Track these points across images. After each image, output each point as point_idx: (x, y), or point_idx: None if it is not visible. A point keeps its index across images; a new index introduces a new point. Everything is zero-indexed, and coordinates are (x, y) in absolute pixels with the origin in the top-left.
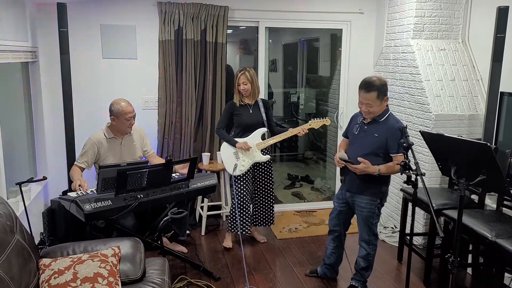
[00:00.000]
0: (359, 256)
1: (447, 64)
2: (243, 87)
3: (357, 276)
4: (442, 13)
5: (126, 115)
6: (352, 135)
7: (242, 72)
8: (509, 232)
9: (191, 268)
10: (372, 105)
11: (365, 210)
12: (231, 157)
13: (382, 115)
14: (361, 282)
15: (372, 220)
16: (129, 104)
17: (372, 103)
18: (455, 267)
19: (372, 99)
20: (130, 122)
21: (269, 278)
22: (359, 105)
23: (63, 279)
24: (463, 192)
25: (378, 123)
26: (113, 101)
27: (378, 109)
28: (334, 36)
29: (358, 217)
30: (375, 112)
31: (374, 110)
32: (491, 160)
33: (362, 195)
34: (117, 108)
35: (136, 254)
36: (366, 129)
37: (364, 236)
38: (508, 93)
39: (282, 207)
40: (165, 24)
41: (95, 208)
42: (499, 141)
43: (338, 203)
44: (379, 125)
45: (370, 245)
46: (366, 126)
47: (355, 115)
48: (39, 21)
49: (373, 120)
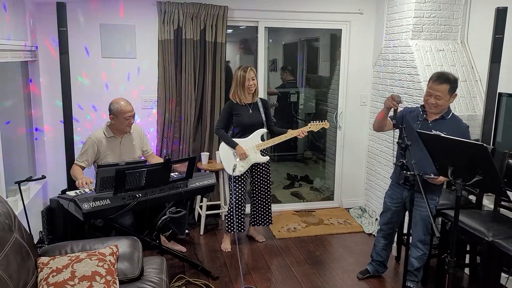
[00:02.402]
0: (414, 257)
1: (446, 64)
2: (251, 82)
3: (412, 276)
4: (441, 14)
5: (125, 114)
6: (410, 129)
7: (249, 68)
8: (506, 233)
9: (189, 267)
10: (442, 98)
11: (424, 209)
12: (230, 157)
13: (448, 112)
14: (415, 282)
15: (429, 219)
16: (128, 104)
17: (442, 96)
18: (451, 267)
19: (443, 92)
20: (129, 122)
21: (267, 278)
22: (426, 96)
23: (61, 278)
24: (459, 192)
25: (445, 120)
26: (113, 100)
27: (445, 104)
28: (334, 36)
29: (416, 216)
30: (441, 106)
31: (441, 103)
32: (487, 161)
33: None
34: (116, 107)
35: (134, 253)
36: (431, 126)
37: (420, 236)
38: (507, 94)
39: (281, 207)
40: (164, 23)
41: (94, 207)
42: (497, 142)
43: (392, 202)
44: (446, 123)
45: (425, 245)
46: (430, 124)
47: (408, 109)
48: (39, 20)
49: (440, 117)
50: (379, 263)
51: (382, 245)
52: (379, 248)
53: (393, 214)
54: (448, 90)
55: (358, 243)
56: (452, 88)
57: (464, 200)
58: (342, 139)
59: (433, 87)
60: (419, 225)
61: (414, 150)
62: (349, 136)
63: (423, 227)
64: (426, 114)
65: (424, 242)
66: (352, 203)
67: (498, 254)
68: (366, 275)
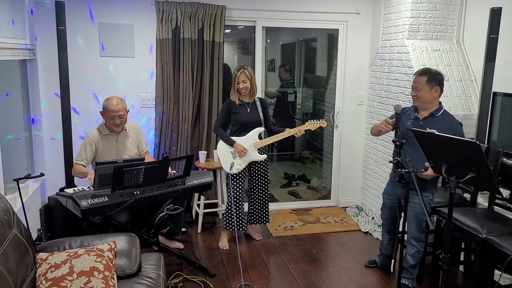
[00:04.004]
0: (408, 254)
1: (442, 64)
2: (242, 85)
3: (407, 274)
4: (437, 14)
5: (110, 113)
6: (404, 128)
7: (241, 70)
8: (500, 230)
9: (187, 264)
10: (420, 89)
11: (417, 205)
12: (228, 155)
13: (438, 110)
14: (410, 279)
15: (423, 216)
16: (118, 103)
17: (421, 87)
18: (445, 263)
19: (421, 83)
20: (114, 121)
21: (264, 275)
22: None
23: (59, 273)
24: (453, 189)
25: (435, 117)
26: (108, 96)
27: (426, 96)
28: (331, 37)
29: (409, 213)
30: (422, 98)
31: (421, 95)
32: (480, 158)
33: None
34: (105, 104)
35: (132, 249)
36: (422, 124)
37: (413, 233)
38: (501, 93)
39: (278, 206)
40: (162, 23)
41: (92, 204)
42: (492, 141)
43: (388, 199)
44: (437, 120)
45: (419, 242)
46: (421, 122)
47: (407, 108)
48: (38, 18)
49: (430, 115)
50: (386, 256)
51: (387, 240)
52: (385, 242)
53: (390, 210)
54: (426, 81)
55: (355, 241)
56: (430, 79)
57: (459, 198)
58: (339, 138)
59: (414, 80)
60: (413, 222)
61: (408, 147)
62: (346, 136)
63: (416, 224)
64: (418, 113)
65: (418, 239)
66: (348, 202)
67: (492, 251)
68: (372, 265)
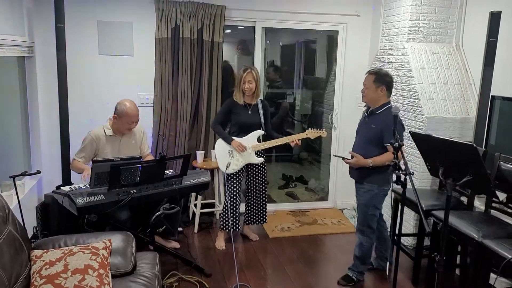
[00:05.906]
0: (356, 245)
1: (441, 67)
2: (248, 85)
3: (352, 266)
4: (436, 17)
5: (129, 119)
6: (359, 126)
7: (248, 70)
8: (496, 233)
9: (182, 264)
10: (367, 87)
11: (361, 198)
12: (225, 155)
13: (380, 108)
14: (355, 272)
15: (367, 209)
16: (135, 109)
17: (368, 85)
18: (441, 265)
19: (368, 82)
20: (130, 126)
21: (260, 275)
22: None
23: (54, 270)
24: (450, 192)
25: (375, 115)
26: (121, 100)
27: (371, 95)
28: (331, 38)
29: (357, 205)
30: (367, 96)
31: (367, 94)
32: (477, 161)
33: (358, 183)
34: (122, 109)
35: (127, 247)
36: (367, 121)
37: (358, 224)
38: (500, 97)
39: (275, 207)
40: (162, 21)
41: (88, 202)
42: (490, 145)
43: None
44: (375, 117)
45: (364, 236)
46: (367, 118)
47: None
48: (36, 16)
49: (371, 112)
50: (381, 258)
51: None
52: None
53: None
54: (374, 80)
55: (351, 243)
56: (377, 79)
57: (455, 201)
58: (337, 140)
59: (364, 78)
60: (359, 214)
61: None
62: (344, 137)
63: (361, 216)
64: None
65: (362, 232)
66: (346, 204)
67: (487, 255)
68: (368, 266)
